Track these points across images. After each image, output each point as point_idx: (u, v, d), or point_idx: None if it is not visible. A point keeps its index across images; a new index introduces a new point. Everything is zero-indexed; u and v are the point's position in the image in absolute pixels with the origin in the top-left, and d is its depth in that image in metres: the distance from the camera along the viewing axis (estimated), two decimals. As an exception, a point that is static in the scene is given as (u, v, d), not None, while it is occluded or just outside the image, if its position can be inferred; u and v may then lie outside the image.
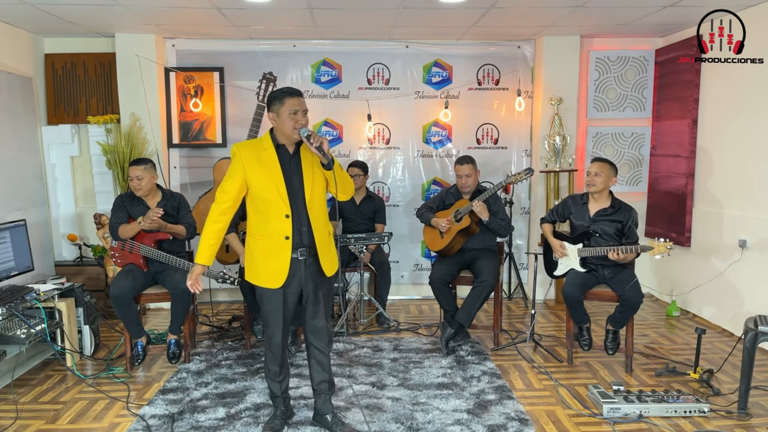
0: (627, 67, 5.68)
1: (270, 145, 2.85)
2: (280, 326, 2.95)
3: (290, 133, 2.80)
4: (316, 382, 3.05)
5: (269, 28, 5.14)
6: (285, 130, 2.80)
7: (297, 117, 2.78)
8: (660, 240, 3.64)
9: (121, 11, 4.48)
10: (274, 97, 2.81)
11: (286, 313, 2.94)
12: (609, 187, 3.94)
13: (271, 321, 2.95)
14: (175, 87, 5.54)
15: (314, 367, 3.04)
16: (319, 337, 2.98)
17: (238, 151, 2.82)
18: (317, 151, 2.76)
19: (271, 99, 2.82)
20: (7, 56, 4.83)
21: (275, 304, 2.91)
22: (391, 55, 5.68)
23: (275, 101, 2.80)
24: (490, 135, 5.83)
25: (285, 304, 2.92)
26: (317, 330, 2.97)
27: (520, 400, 3.44)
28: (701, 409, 3.21)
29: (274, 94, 2.82)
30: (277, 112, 2.79)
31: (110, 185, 5.45)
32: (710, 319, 4.96)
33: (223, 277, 3.85)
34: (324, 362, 3.03)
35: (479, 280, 4.16)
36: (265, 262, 2.86)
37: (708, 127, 4.98)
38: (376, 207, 5.15)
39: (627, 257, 3.74)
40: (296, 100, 2.79)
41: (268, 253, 2.84)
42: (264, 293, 2.91)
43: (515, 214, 5.79)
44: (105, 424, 3.21)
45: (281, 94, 2.80)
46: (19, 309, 3.67)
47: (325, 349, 3.02)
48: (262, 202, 2.82)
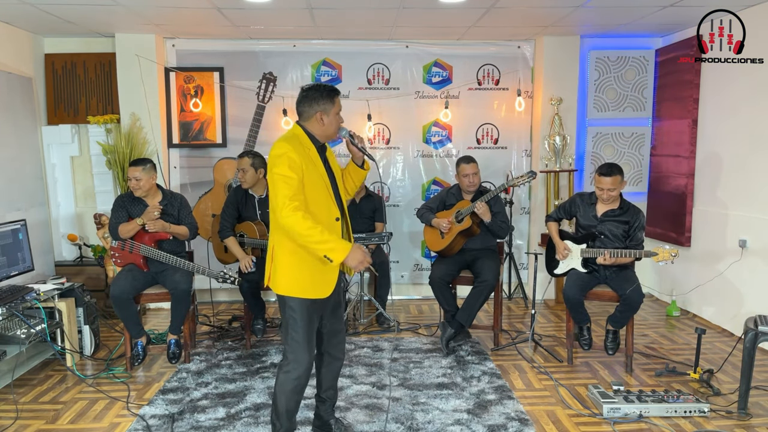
0: (627, 67, 5.68)
1: (310, 143, 2.62)
2: (315, 342, 2.71)
3: (334, 133, 2.67)
4: (324, 389, 2.94)
5: (269, 28, 5.14)
6: (331, 129, 2.65)
7: (340, 117, 2.68)
8: (666, 246, 3.63)
9: (121, 11, 4.48)
10: (321, 94, 2.60)
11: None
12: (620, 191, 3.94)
13: (309, 338, 2.64)
14: (175, 87, 5.54)
15: (327, 375, 2.91)
16: (339, 343, 2.88)
17: (291, 152, 2.50)
18: (360, 150, 2.71)
19: (316, 96, 2.60)
20: (7, 56, 4.83)
21: (316, 316, 2.67)
22: (391, 55, 5.68)
23: (324, 99, 2.60)
24: (490, 135, 5.83)
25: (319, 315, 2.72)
26: (337, 335, 2.86)
27: (520, 400, 3.44)
28: (701, 409, 3.21)
29: (322, 91, 2.61)
30: (327, 110, 2.61)
31: (110, 185, 5.45)
32: (710, 319, 4.96)
33: (223, 276, 3.85)
34: (338, 370, 2.94)
35: (480, 280, 4.15)
36: (317, 270, 2.59)
37: (708, 127, 4.98)
38: (375, 206, 5.14)
39: (618, 261, 3.75)
40: (340, 99, 2.67)
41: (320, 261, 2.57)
42: (306, 307, 2.61)
43: (515, 214, 5.79)
44: (105, 424, 3.21)
45: (332, 93, 2.62)
46: (19, 309, 3.67)
47: (342, 356, 2.93)
48: (315, 205, 2.57)
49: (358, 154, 2.76)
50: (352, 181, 2.84)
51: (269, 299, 5.72)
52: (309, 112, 2.62)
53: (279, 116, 5.56)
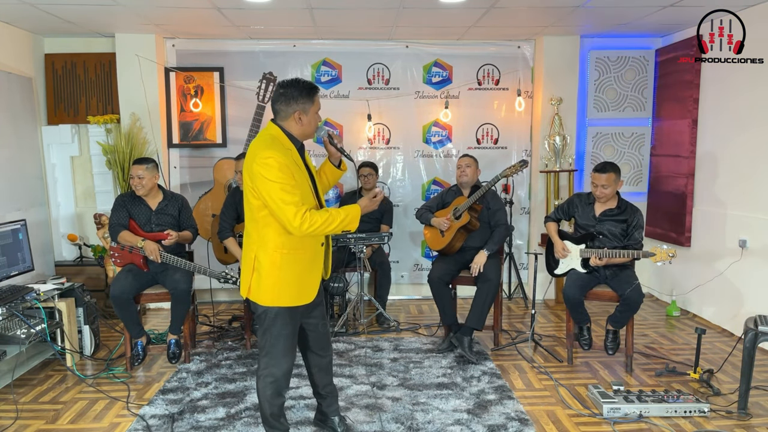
0: (627, 67, 5.68)
1: (291, 144, 2.52)
2: (295, 348, 2.66)
3: (312, 132, 2.58)
4: (321, 386, 2.94)
5: (269, 28, 5.14)
6: (310, 129, 2.56)
7: (318, 116, 2.58)
8: (663, 246, 3.64)
9: (121, 11, 4.48)
10: (300, 92, 2.48)
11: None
12: (616, 190, 3.94)
13: (289, 345, 2.59)
14: (175, 87, 5.54)
15: (319, 373, 2.91)
16: (323, 340, 2.86)
17: (281, 159, 2.40)
18: (339, 151, 2.67)
19: (294, 94, 2.48)
20: (7, 56, 4.83)
21: (297, 322, 2.62)
22: (391, 55, 5.68)
23: (303, 97, 2.48)
24: (490, 135, 5.83)
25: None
26: (321, 332, 2.84)
27: (520, 400, 3.44)
28: (701, 409, 3.21)
29: (301, 89, 2.49)
30: (306, 109, 2.50)
31: (110, 185, 5.45)
32: (710, 319, 4.96)
33: (225, 276, 3.85)
34: (328, 365, 2.93)
35: (482, 281, 4.15)
36: (301, 276, 2.54)
37: (708, 127, 4.98)
38: (384, 208, 5.13)
39: (612, 260, 3.75)
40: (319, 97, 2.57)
41: (305, 266, 2.54)
42: (288, 315, 2.55)
43: (515, 214, 5.79)
44: (105, 424, 3.21)
45: (311, 90, 2.51)
46: (19, 309, 3.67)
47: (328, 352, 2.91)
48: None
49: (336, 154, 2.72)
50: (327, 180, 2.81)
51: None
52: (286, 111, 2.50)
53: (279, 116, 5.56)
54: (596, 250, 3.79)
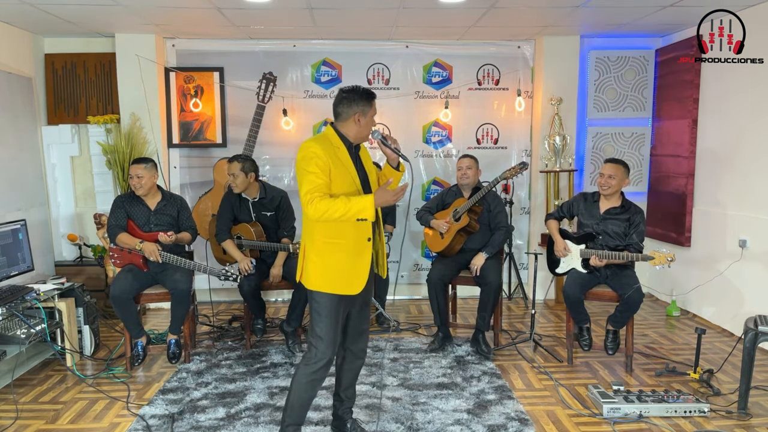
0: (627, 67, 5.68)
1: (341, 143, 2.69)
2: (338, 339, 2.75)
3: (367, 135, 2.74)
4: (343, 388, 2.96)
5: (269, 28, 5.14)
6: (366, 131, 2.72)
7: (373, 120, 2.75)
8: (662, 250, 3.64)
9: (121, 11, 4.48)
10: (360, 96, 2.66)
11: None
12: (622, 188, 3.94)
13: (334, 335, 2.68)
14: (175, 87, 5.54)
15: (348, 374, 2.94)
16: (362, 342, 2.91)
17: (319, 151, 2.58)
18: (394, 152, 2.74)
19: (355, 98, 2.66)
20: (7, 56, 4.83)
21: (342, 313, 2.72)
22: (391, 55, 5.68)
23: (362, 101, 2.66)
24: (490, 135, 5.83)
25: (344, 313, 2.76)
26: (362, 334, 2.90)
27: (520, 400, 3.44)
28: (701, 409, 3.21)
29: (361, 94, 2.67)
30: (365, 112, 2.68)
31: (110, 185, 5.45)
32: (710, 319, 4.96)
33: (225, 274, 3.85)
34: (358, 369, 2.97)
35: (484, 283, 4.15)
36: (345, 267, 2.66)
37: (708, 127, 4.98)
38: (389, 208, 5.13)
39: (611, 261, 3.75)
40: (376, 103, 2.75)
41: (350, 257, 2.66)
42: (333, 302, 2.66)
43: (515, 214, 5.79)
44: (105, 424, 3.21)
45: (369, 96, 2.69)
46: (19, 309, 3.67)
47: (363, 356, 2.96)
48: None
49: (393, 155, 2.77)
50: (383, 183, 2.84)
51: (269, 299, 5.73)
52: (347, 113, 2.68)
53: (279, 116, 5.56)
54: (596, 251, 3.79)
